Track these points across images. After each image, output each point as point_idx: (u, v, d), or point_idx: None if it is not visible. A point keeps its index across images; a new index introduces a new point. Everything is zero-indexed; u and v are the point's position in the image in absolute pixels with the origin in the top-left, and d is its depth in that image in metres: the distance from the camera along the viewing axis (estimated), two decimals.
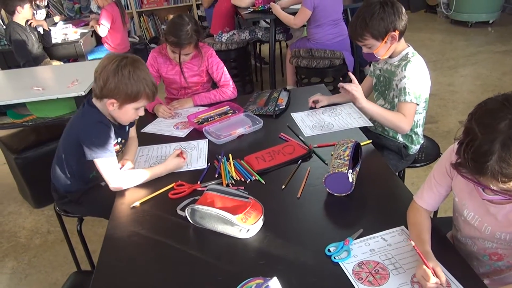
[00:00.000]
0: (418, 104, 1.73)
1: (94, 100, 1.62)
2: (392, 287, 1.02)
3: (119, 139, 1.72)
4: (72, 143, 1.66)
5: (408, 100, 1.70)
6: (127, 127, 1.78)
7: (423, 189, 1.24)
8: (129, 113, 1.60)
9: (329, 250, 1.15)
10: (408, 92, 1.70)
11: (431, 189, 1.22)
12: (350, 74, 1.76)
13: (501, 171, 0.86)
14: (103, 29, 4.14)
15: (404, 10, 1.71)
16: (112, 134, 1.61)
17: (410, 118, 1.74)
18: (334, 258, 1.12)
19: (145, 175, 1.57)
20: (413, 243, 1.02)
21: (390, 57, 1.81)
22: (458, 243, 1.26)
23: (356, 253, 1.13)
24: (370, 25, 1.67)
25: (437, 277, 0.98)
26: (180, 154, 1.63)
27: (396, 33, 1.69)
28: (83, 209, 1.85)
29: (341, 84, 1.74)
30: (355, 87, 1.69)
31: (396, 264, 1.09)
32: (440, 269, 1.00)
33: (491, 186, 0.91)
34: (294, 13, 3.39)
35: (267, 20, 4.10)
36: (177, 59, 2.17)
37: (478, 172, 0.90)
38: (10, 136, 2.84)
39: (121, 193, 1.54)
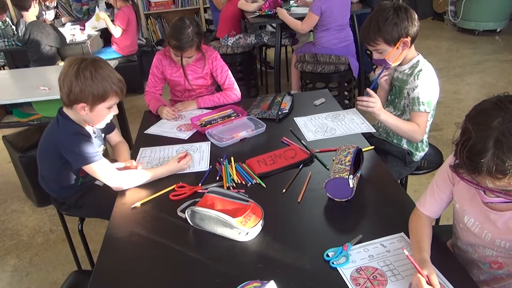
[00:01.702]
0: (429, 113, 1.73)
1: (65, 110, 1.60)
2: None
3: (100, 147, 1.74)
4: (49, 156, 1.65)
5: (422, 110, 1.70)
6: (103, 134, 1.78)
7: (425, 195, 1.24)
8: (102, 113, 1.57)
9: (327, 255, 1.14)
10: (422, 102, 1.70)
11: (433, 196, 1.22)
12: (368, 90, 1.74)
13: (496, 168, 0.86)
14: (118, 30, 4.19)
15: (416, 16, 1.70)
16: (92, 141, 1.60)
17: (423, 128, 1.74)
18: (333, 263, 1.12)
19: (146, 176, 1.57)
20: (406, 252, 1.01)
21: (400, 64, 1.80)
22: (459, 250, 1.25)
23: (355, 258, 1.13)
24: (383, 29, 1.66)
25: (431, 285, 0.98)
26: (181, 159, 1.62)
27: (408, 39, 1.68)
28: (84, 211, 1.86)
29: (359, 99, 1.74)
30: (372, 103, 1.69)
31: (395, 270, 1.08)
32: (435, 277, 0.99)
33: (488, 184, 0.91)
34: (300, 18, 3.40)
35: (273, 24, 4.12)
36: (180, 62, 2.18)
37: (474, 171, 0.90)
38: (16, 135, 2.86)
39: (122, 193, 1.54)
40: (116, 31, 4.20)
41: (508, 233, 1.05)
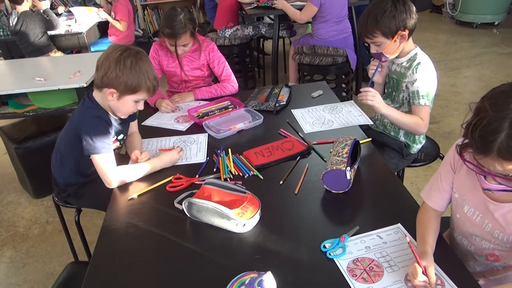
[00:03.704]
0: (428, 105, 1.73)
1: (94, 93, 1.60)
2: (386, 285, 1.02)
3: (121, 136, 1.71)
4: (71, 138, 1.64)
5: (423, 104, 1.70)
6: (129, 123, 1.77)
7: (431, 188, 1.23)
8: (128, 105, 1.57)
9: (324, 246, 1.15)
10: (422, 96, 1.69)
11: (438, 187, 1.21)
12: (368, 88, 1.72)
13: (507, 149, 0.85)
14: (124, 24, 4.18)
15: (414, 8, 1.68)
16: (111, 130, 1.58)
17: (426, 121, 1.74)
18: (330, 254, 1.12)
19: (144, 168, 1.56)
20: (407, 239, 1.02)
21: (398, 57, 1.79)
22: (455, 242, 1.25)
23: (352, 250, 1.13)
24: (381, 22, 1.64)
25: (427, 276, 0.98)
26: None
27: (406, 32, 1.67)
28: (83, 202, 1.85)
29: (360, 91, 1.73)
30: (371, 97, 1.68)
31: (391, 262, 1.09)
32: (433, 270, 0.99)
33: (496, 166, 0.90)
34: (299, 9, 3.38)
35: (271, 16, 4.10)
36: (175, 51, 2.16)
37: (484, 150, 0.89)
38: (11, 126, 2.85)
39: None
40: (123, 25, 4.20)
41: (506, 226, 1.05)
